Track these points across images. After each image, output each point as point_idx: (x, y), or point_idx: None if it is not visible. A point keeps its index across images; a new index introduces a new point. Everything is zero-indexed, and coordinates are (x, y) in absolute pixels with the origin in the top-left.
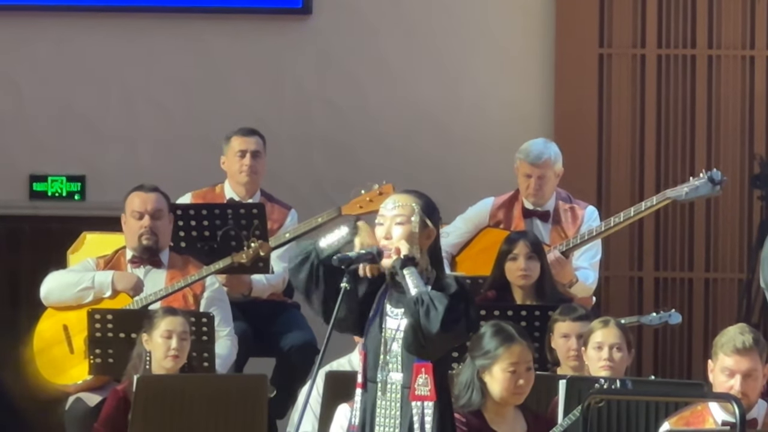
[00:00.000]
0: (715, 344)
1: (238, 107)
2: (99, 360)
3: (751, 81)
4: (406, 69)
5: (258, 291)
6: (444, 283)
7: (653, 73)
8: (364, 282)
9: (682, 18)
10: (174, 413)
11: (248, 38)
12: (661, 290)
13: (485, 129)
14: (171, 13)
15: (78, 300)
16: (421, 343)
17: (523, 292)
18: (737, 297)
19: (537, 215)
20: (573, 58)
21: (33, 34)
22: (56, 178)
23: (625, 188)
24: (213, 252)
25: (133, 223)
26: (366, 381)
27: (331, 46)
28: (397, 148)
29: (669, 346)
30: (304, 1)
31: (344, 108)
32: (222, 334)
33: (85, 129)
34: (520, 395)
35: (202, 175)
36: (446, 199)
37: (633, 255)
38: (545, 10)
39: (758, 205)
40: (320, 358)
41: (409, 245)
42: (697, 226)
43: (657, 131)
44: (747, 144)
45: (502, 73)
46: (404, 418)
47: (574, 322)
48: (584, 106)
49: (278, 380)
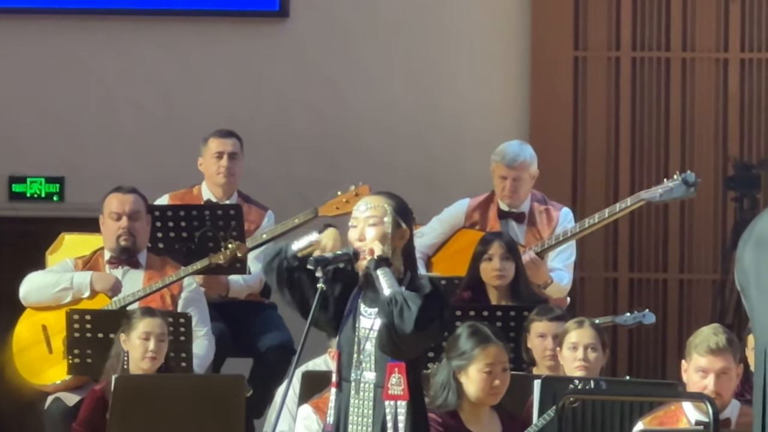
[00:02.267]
0: (689, 344)
1: (215, 109)
2: (77, 360)
3: (725, 83)
4: (383, 71)
5: (235, 292)
6: (418, 283)
7: (628, 75)
8: (340, 282)
9: (657, 21)
10: (152, 413)
11: (226, 41)
12: (636, 291)
13: (462, 131)
14: (150, 16)
15: (57, 300)
16: (395, 343)
17: (498, 292)
18: (711, 298)
19: (512, 216)
20: (549, 61)
21: (12, 36)
22: (35, 180)
23: (600, 190)
24: (190, 253)
25: (111, 224)
26: (340, 380)
27: (308, 49)
28: (374, 149)
29: (643, 347)
30: (281, 4)
31: (321, 110)
32: (199, 335)
33: (64, 131)
34: (495, 396)
35: (179, 176)
36: (423, 200)
37: (607, 256)
38: (521, 13)
39: (732, 207)
40: (297, 358)
41: (383, 246)
42: (671, 227)
43: (632, 133)
44: (721, 146)
45: (479, 76)
46: (377, 418)
47: (551, 323)
48: (560, 109)
49: (255, 380)
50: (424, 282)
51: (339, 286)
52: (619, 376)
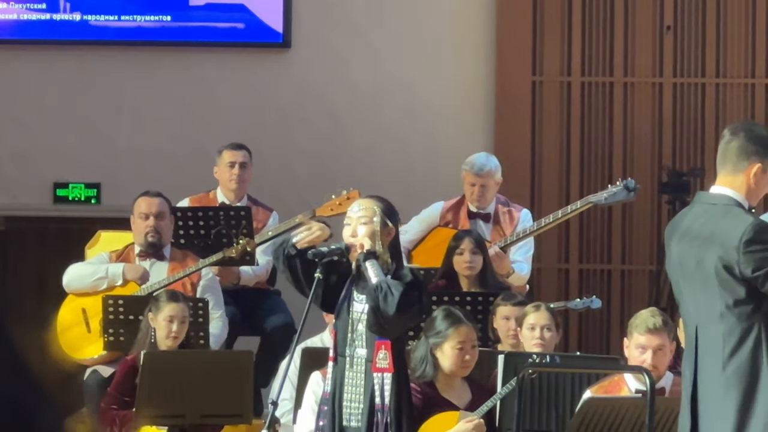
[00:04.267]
0: (630, 325)
1: (228, 125)
2: (112, 338)
3: (660, 104)
4: (371, 94)
5: (245, 280)
6: (401, 273)
7: (578, 97)
8: (336, 273)
9: (602, 50)
10: (174, 382)
11: (238, 67)
12: (584, 280)
13: (437, 144)
14: (172, 47)
15: (94, 288)
16: (381, 323)
17: (468, 281)
18: (648, 285)
19: (480, 217)
20: (510, 85)
21: (58, 65)
22: (76, 185)
23: (554, 194)
24: (207, 247)
25: (140, 223)
26: (336, 355)
27: (307, 75)
28: (363, 160)
29: (591, 327)
30: (284, 37)
31: (318, 126)
32: (215, 316)
33: (100, 144)
34: (466, 368)
35: (198, 182)
36: (404, 203)
37: (560, 250)
38: (488, 44)
39: (666, 209)
40: (297, 336)
41: (372, 242)
42: (614, 226)
43: (581, 146)
44: (656, 157)
45: (452, 97)
46: (367, 387)
47: (513, 307)
48: (520, 126)
49: (262, 355)
50: (405, 272)
51: (335, 275)
52: (570, 352)
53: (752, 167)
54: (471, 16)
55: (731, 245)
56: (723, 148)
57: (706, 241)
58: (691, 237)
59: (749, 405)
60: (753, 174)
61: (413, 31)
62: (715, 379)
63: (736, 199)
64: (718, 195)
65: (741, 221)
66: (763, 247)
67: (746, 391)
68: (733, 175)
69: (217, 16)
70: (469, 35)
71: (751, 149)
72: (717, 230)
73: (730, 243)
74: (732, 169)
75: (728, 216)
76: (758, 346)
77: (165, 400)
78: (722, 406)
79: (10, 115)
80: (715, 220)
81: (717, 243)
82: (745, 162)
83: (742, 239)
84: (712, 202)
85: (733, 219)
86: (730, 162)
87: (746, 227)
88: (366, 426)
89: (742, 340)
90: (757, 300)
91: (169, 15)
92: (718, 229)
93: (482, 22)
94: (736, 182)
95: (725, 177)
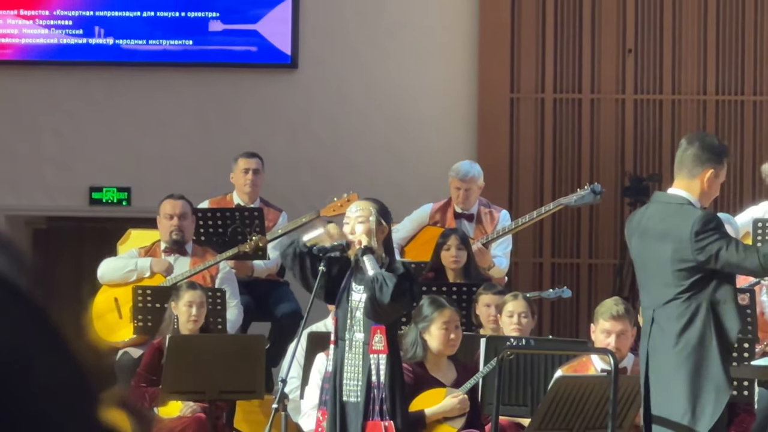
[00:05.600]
0: (596, 312)
1: (243, 137)
2: (140, 324)
3: (623, 117)
4: (369, 111)
5: (258, 272)
6: (394, 266)
7: (550, 111)
8: (336, 265)
9: (572, 69)
10: (195, 363)
11: (251, 86)
12: (556, 272)
13: (426, 153)
14: (194, 67)
15: (125, 279)
16: (377, 311)
17: (454, 273)
18: (612, 277)
19: (464, 217)
20: (491, 101)
21: (91, 83)
22: (109, 189)
23: (529, 197)
24: (224, 244)
25: (166, 222)
26: (337, 339)
27: (312, 92)
28: (361, 167)
29: (562, 314)
30: (292, 58)
31: (321, 137)
32: (231, 305)
33: (131, 154)
34: (452, 347)
35: (216, 186)
36: (397, 205)
37: (535, 246)
38: (471, 64)
39: (628, 210)
40: (303, 322)
41: (368, 238)
42: (582, 225)
43: (553, 155)
44: (619, 164)
45: (441, 113)
46: (365, 367)
47: (494, 296)
48: (500, 137)
49: (272, 338)
50: (398, 265)
51: (336, 268)
52: (543, 336)
53: (706, 173)
54: (456, 40)
55: (684, 237)
56: (680, 156)
57: (662, 235)
58: (650, 233)
59: (700, 374)
60: (706, 179)
61: (405, 54)
62: (668, 354)
63: (689, 200)
64: (673, 195)
65: (691, 216)
66: (711, 233)
67: (696, 363)
68: (689, 179)
69: (233, 41)
70: (455, 57)
71: (705, 157)
72: (671, 226)
73: (682, 236)
74: (688, 174)
75: (680, 213)
76: (706, 325)
77: (187, 378)
78: (674, 378)
79: (51, 127)
80: (670, 217)
81: (671, 236)
82: (700, 168)
83: (693, 230)
84: (667, 201)
85: (685, 215)
86: (686, 168)
87: (695, 220)
88: (364, 401)
89: (692, 321)
90: (705, 286)
91: (191, 39)
92: (672, 224)
93: (467, 45)
94: (691, 185)
95: (681, 180)
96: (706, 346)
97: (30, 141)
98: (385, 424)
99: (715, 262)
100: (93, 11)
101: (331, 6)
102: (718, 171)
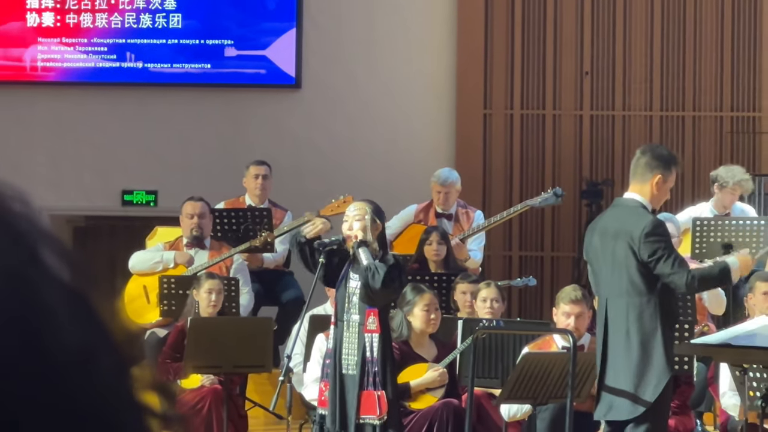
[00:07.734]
0: (558, 297)
1: (253, 147)
2: (166, 308)
3: (580, 130)
4: (364, 126)
5: (267, 263)
6: (386, 258)
7: (518, 125)
8: (337, 256)
9: (537, 89)
10: (214, 341)
11: (261, 103)
12: (523, 264)
13: (412, 161)
14: (212, 87)
15: (152, 269)
16: (370, 295)
17: (435, 265)
18: (571, 268)
19: (444, 216)
20: (467, 116)
21: (123, 101)
22: (139, 192)
23: (500, 199)
24: (238, 239)
25: (187, 221)
26: (337, 320)
27: (313, 109)
28: (356, 173)
29: (528, 299)
30: (296, 80)
31: (322, 148)
32: (244, 292)
33: (157, 160)
34: (434, 326)
35: (231, 190)
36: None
37: (505, 241)
38: (450, 84)
39: (585, 210)
40: (306, 306)
41: (364, 234)
42: (546, 223)
43: (521, 163)
44: (578, 171)
45: (423, 126)
46: (360, 345)
47: (470, 284)
48: (474, 148)
49: (279, 321)
50: (389, 257)
51: (337, 259)
52: (512, 318)
53: (655, 178)
54: (437, 65)
55: (635, 236)
56: (634, 164)
57: (618, 234)
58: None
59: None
60: (655, 183)
61: (394, 76)
62: (621, 339)
63: (642, 203)
64: (629, 199)
65: (644, 218)
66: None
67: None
68: (641, 184)
69: (245, 64)
70: (436, 79)
71: (654, 164)
72: (626, 226)
73: (634, 235)
74: (640, 180)
75: (634, 215)
76: (654, 315)
77: (206, 355)
78: (625, 358)
79: (88, 139)
80: (625, 218)
81: (625, 235)
82: (650, 174)
83: (643, 231)
84: (624, 204)
85: (638, 217)
86: (639, 174)
87: (646, 223)
88: (359, 374)
89: (642, 310)
90: (654, 279)
91: (209, 63)
92: (627, 225)
93: (446, 69)
94: (644, 190)
95: (635, 186)
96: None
97: (70, 150)
98: (378, 394)
99: (654, 266)
100: (125, 39)
101: (330, 35)
102: (666, 177)
